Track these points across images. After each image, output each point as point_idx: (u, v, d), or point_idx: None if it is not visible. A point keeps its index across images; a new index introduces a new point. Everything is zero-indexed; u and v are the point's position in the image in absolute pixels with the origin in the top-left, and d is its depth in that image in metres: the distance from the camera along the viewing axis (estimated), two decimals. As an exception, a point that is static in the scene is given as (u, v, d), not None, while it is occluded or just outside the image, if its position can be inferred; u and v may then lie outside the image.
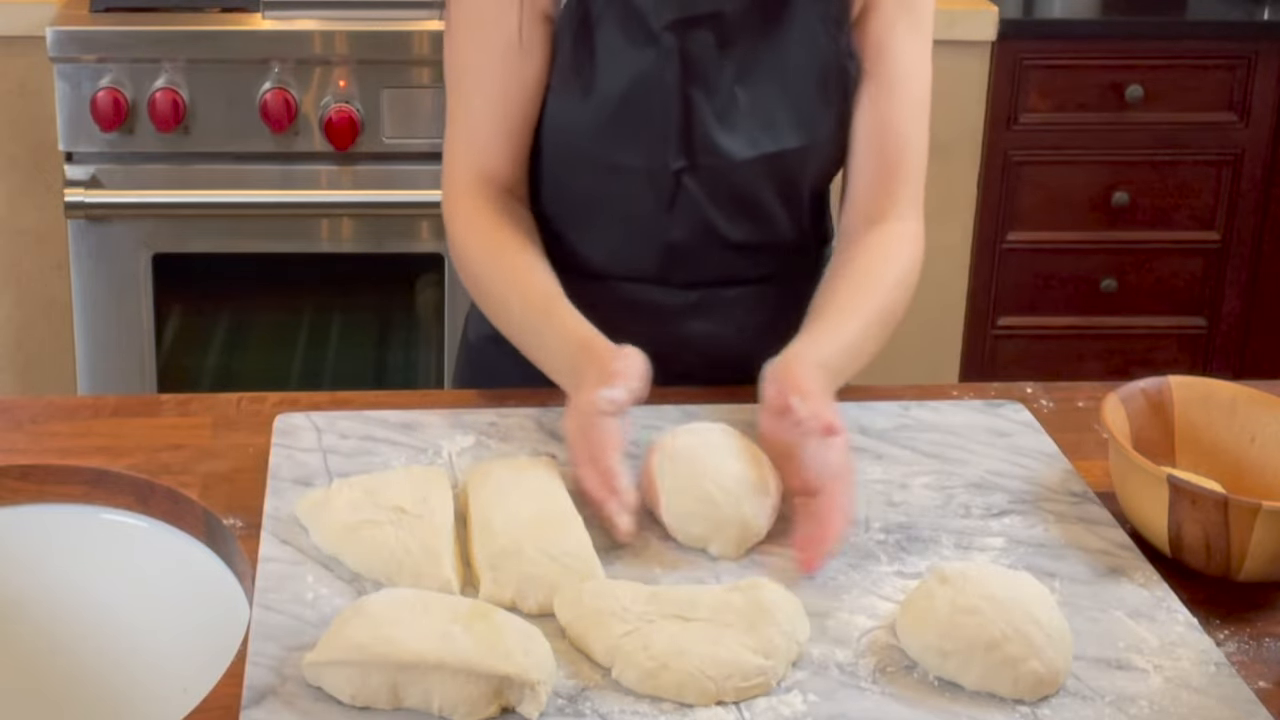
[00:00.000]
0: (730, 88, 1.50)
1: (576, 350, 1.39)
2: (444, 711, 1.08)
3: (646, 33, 1.48)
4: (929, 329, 2.99)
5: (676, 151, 1.50)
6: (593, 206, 1.55)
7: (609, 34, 1.48)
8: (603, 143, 1.51)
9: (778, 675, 1.12)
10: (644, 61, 1.48)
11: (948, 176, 2.90)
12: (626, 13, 1.48)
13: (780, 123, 1.51)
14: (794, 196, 1.56)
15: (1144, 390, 1.39)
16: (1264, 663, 1.18)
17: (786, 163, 1.52)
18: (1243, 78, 2.90)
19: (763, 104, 1.50)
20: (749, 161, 1.51)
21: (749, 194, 1.53)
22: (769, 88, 1.50)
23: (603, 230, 1.56)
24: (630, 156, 1.51)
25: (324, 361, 2.87)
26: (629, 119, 1.49)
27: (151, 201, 2.64)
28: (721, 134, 1.50)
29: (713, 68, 1.49)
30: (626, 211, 1.54)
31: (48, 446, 1.42)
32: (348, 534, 1.24)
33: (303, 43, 2.60)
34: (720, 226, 1.54)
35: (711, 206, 1.53)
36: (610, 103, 1.49)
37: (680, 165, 1.50)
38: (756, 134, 1.51)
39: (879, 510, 1.34)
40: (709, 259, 1.56)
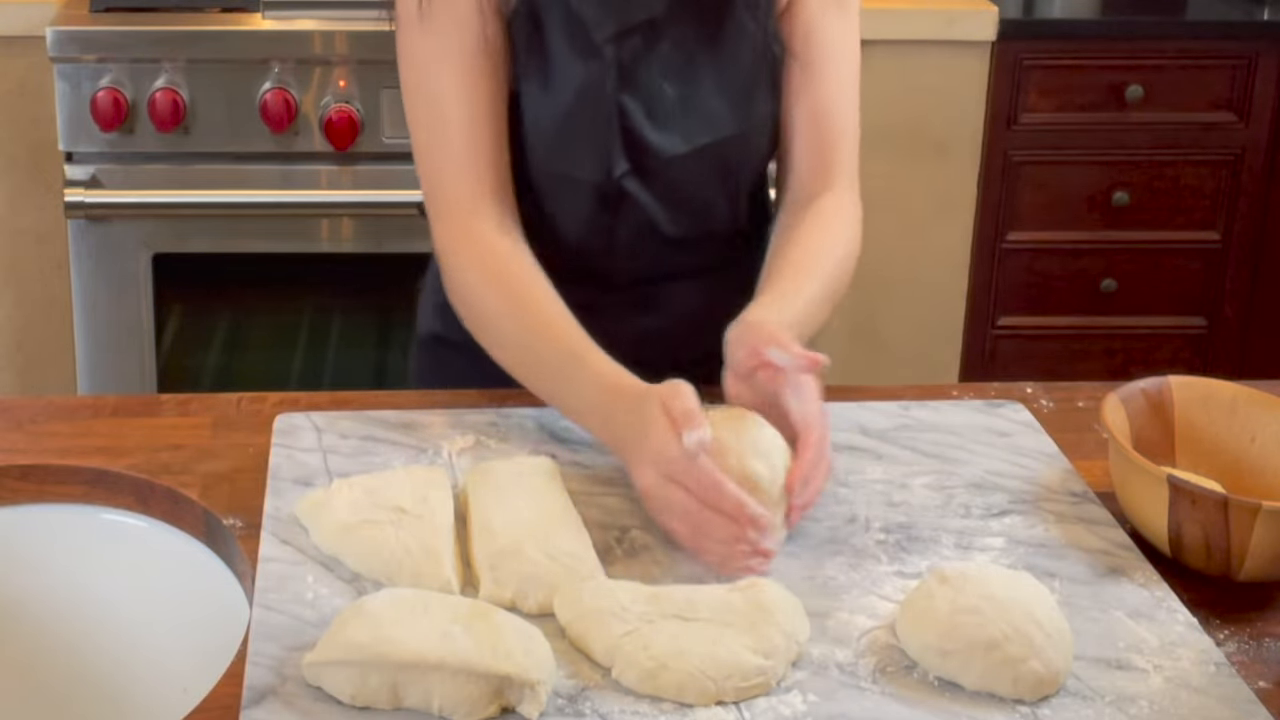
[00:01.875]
0: (658, 85, 1.50)
1: (609, 396, 1.33)
2: (444, 711, 1.08)
3: (590, 46, 1.48)
4: (929, 329, 2.99)
5: (619, 158, 1.51)
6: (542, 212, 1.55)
7: (556, 44, 1.49)
8: (554, 154, 1.51)
9: (778, 675, 1.12)
10: (587, 74, 1.48)
11: (948, 176, 2.90)
12: (570, 25, 1.48)
13: (714, 113, 1.52)
14: (731, 185, 1.57)
15: (1144, 390, 1.39)
16: (1264, 663, 1.18)
17: (723, 152, 1.53)
18: (1243, 78, 2.90)
19: (695, 97, 1.51)
20: (685, 156, 1.52)
21: (688, 188, 1.54)
22: (702, 79, 1.51)
23: (550, 233, 1.55)
24: (577, 168, 1.52)
25: (324, 361, 2.87)
26: (575, 131, 1.50)
27: (151, 201, 2.64)
28: (654, 132, 1.51)
29: (641, 69, 1.50)
30: (573, 217, 1.55)
31: (48, 446, 1.42)
32: (348, 534, 1.24)
33: (303, 43, 2.60)
34: (661, 224, 1.55)
35: (654, 205, 1.54)
36: (560, 114, 1.49)
37: (623, 170, 1.51)
38: (690, 128, 1.52)
39: (879, 510, 1.34)
40: (648, 256, 1.57)
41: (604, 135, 1.50)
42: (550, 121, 1.50)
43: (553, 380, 1.40)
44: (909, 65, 2.82)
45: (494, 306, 1.45)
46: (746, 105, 1.53)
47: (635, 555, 1.27)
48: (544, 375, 1.42)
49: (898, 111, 2.84)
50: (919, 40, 2.79)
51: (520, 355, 1.44)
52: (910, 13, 2.79)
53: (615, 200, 1.53)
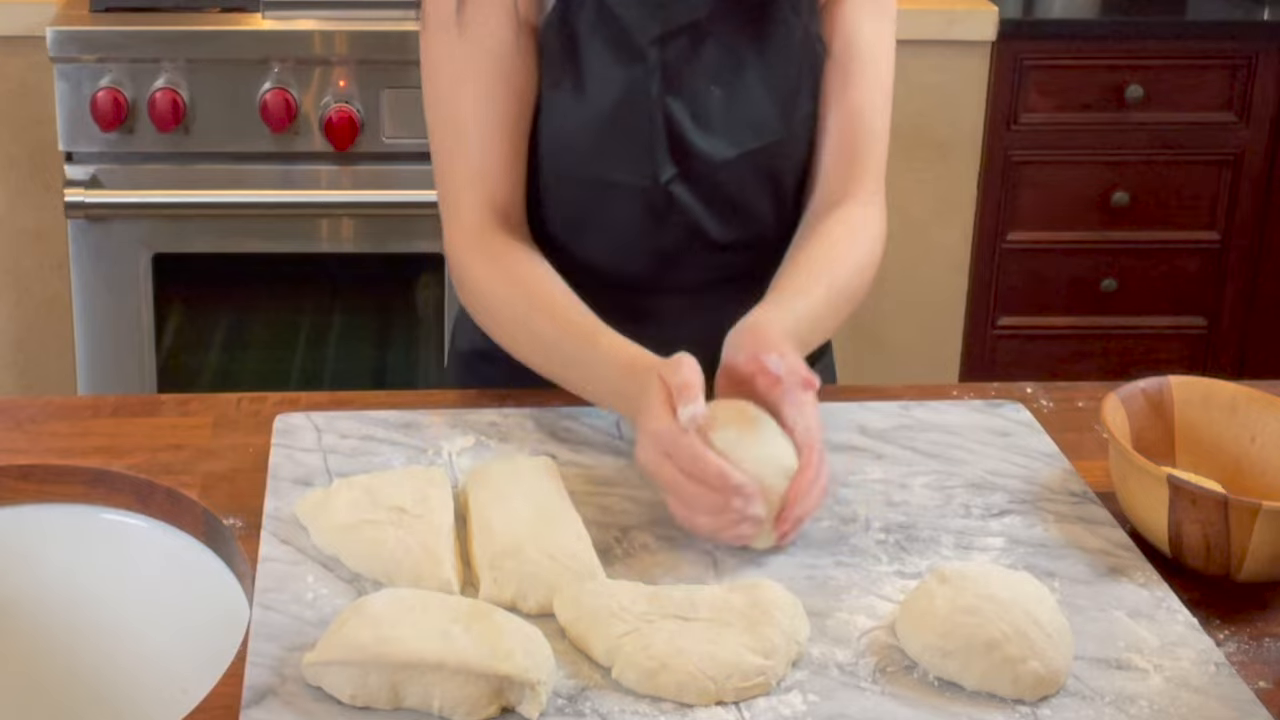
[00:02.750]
0: (705, 88, 1.49)
1: (622, 373, 1.35)
2: (444, 711, 1.08)
3: (632, 49, 1.47)
4: (929, 329, 2.99)
5: (666, 163, 1.50)
6: (583, 219, 1.54)
7: (596, 51, 1.48)
8: (593, 160, 1.50)
9: (778, 675, 1.12)
10: (629, 78, 1.47)
11: (948, 176, 2.90)
12: (611, 29, 1.47)
13: (760, 116, 1.51)
14: (779, 190, 1.56)
15: (1144, 390, 1.39)
16: (1264, 663, 1.18)
17: (769, 155, 1.52)
18: (1243, 78, 2.90)
19: (741, 100, 1.50)
20: (732, 160, 1.51)
21: (734, 193, 1.53)
22: (749, 82, 1.50)
23: (592, 240, 1.55)
24: (621, 173, 1.50)
25: (324, 361, 2.87)
26: (617, 136, 1.49)
27: (151, 201, 2.64)
28: (700, 137, 1.50)
29: (687, 73, 1.49)
30: (616, 223, 1.54)
31: (48, 446, 1.42)
32: (347, 534, 1.24)
33: (303, 43, 2.61)
34: (709, 230, 1.54)
35: (701, 211, 1.53)
36: (599, 120, 1.48)
37: (670, 175, 1.50)
38: (737, 131, 1.51)
39: (879, 510, 1.34)
40: (697, 262, 1.56)
41: (649, 140, 1.49)
42: (589, 128, 1.49)
43: (569, 366, 1.42)
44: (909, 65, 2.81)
45: (510, 308, 1.46)
46: (792, 108, 1.52)
47: (635, 555, 1.27)
48: (561, 362, 1.43)
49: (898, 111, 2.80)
50: (919, 40, 2.79)
51: (536, 344, 1.45)
52: (910, 13, 2.79)
53: (662, 206, 1.51)
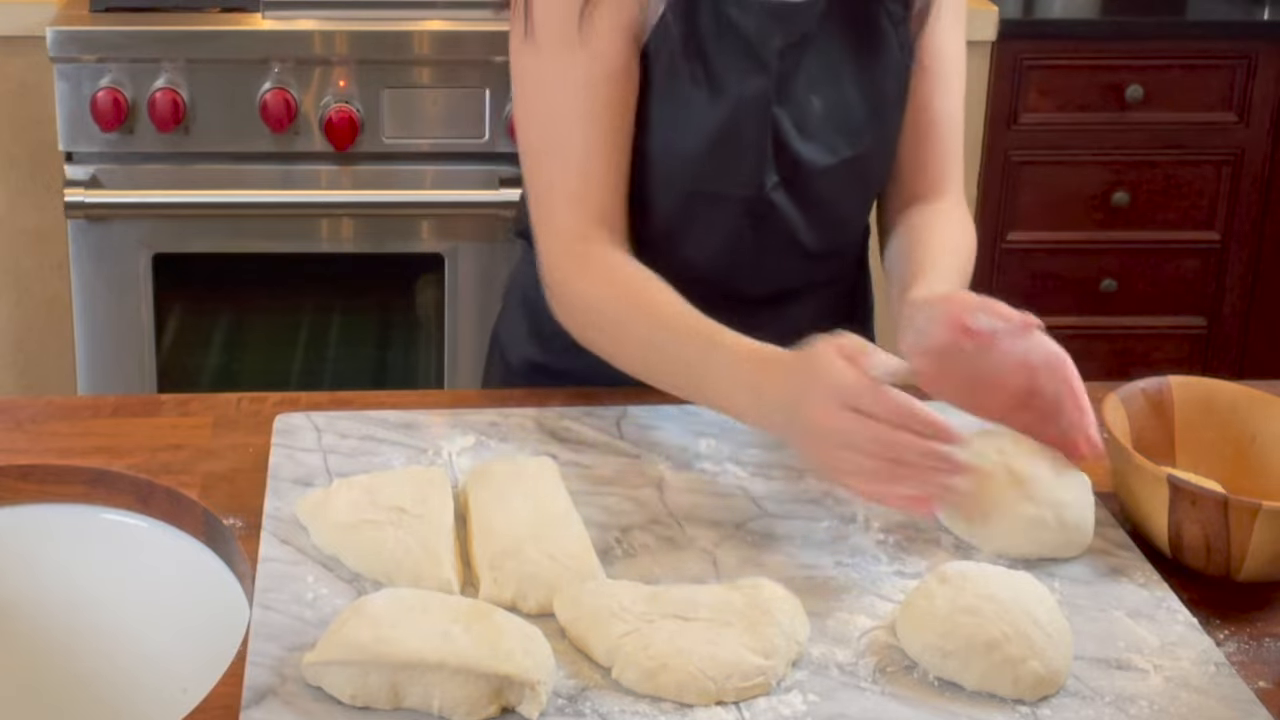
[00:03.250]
0: (806, 97, 1.49)
1: (756, 366, 1.31)
2: (444, 711, 1.08)
3: (754, 60, 1.47)
4: (929, 329, 2.98)
5: (771, 171, 1.50)
6: (682, 229, 1.53)
7: (721, 64, 1.46)
8: (701, 171, 1.49)
9: (778, 675, 1.12)
10: (752, 88, 1.47)
11: (948, 176, 2.89)
12: (732, 40, 1.46)
13: (856, 124, 1.51)
14: (868, 197, 1.59)
15: (1144, 390, 1.39)
16: (1264, 663, 1.18)
17: (864, 163, 1.53)
18: (1243, 78, 2.90)
19: (840, 109, 1.50)
20: (830, 168, 1.51)
21: (830, 201, 1.54)
22: (846, 91, 1.51)
23: (687, 249, 1.53)
24: (728, 184, 1.50)
25: (324, 361, 2.87)
26: (730, 146, 1.48)
27: (151, 201, 2.63)
28: (802, 145, 1.50)
29: (792, 82, 1.49)
30: (715, 232, 1.53)
31: (48, 446, 1.42)
32: (348, 534, 1.24)
33: (303, 43, 2.60)
34: (804, 238, 1.54)
35: (797, 218, 1.53)
36: (714, 130, 1.47)
37: (774, 183, 1.50)
38: (834, 140, 1.51)
39: (879, 510, 1.34)
40: (787, 270, 1.56)
41: (760, 148, 1.49)
42: (702, 139, 1.47)
43: (688, 371, 1.37)
44: (909, 65, 2.82)
45: (614, 312, 1.42)
46: (885, 117, 1.53)
47: (635, 555, 1.27)
48: (678, 369, 1.38)
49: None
50: (919, 40, 2.79)
51: (648, 354, 1.41)
52: (910, 13, 2.79)
53: (762, 214, 1.51)
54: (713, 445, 1.42)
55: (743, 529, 1.31)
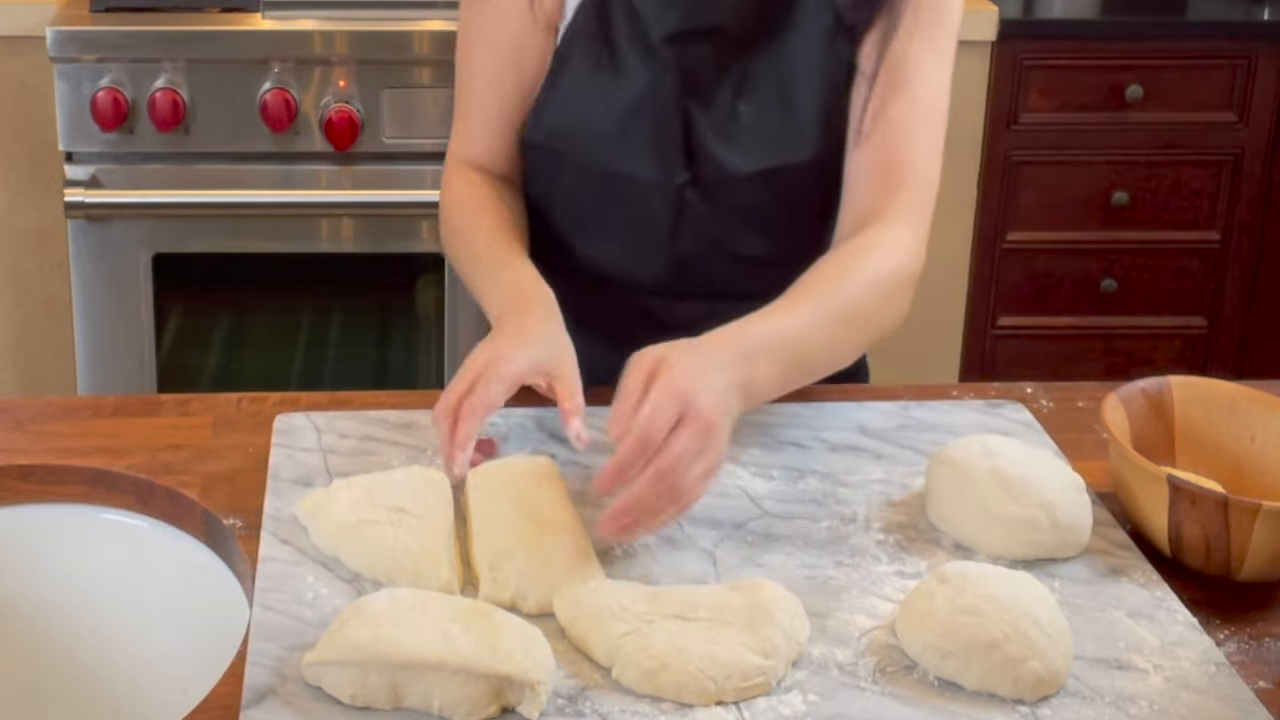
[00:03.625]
0: (731, 102, 1.50)
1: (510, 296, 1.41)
2: (444, 711, 1.08)
3: (648, 45, 1.49)
4: (929, 329, 2.98)
5: (679, 165, 1.50)
6: (604, 215, 1.56)
7: (621, 44, 1.49)
8: (614, 152, 1.51)
9: (777, 675, 1.12)
10: (649, 73, 1.49)
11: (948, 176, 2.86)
12: (633, 25, 1.49)
13: (782, 137, 1.50)
14: (802, 210, 1.54)
15: (1144, 390, 1.39)
16: (1264, 663, 1.18)
17: (789, 177, 1.51)
18: (1243, 78, 2.90)
19: (765, 118, 1.50)
20: (750, 176, 1.50)
21: (754, 208, 1.53)
22: (771, 102, 1.50)
23: (613, 239, 1.56)
24: (639, 168, 1.51)
25: (324, 361, 2.87)
26: (637, 130, 1.50)
27: (151, 201, 2.64)
28: (721, 148, 1.50)
29: (711, 81, 1.49)
30: (636, 221, 1.54)
31: (48, 446, 1.42)
32: (347, 534, 1.24)
33: (303, 43, 2.60)
34: (728, 240, 1.54)
35: (717, 220, 1.53)
36: (620, 112, 1.50)
37: (684, 179, 1.50)
38: (757, 148, 1.50)
39: (879, 510, 1.34)
40: (719, 271, 1.56)
41: (664, 140, 1.50)
42: (613, 118, 1.51)
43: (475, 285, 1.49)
44: (909, 65, 2.82)
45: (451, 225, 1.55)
46: (813, 132, 1.50)
47: (635, 555, 1.27)
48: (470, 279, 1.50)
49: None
50: (919, 40, 2.79)
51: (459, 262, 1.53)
52: (910, 13, 2.79)
53: (678, 210, 1.52)
54: (713, 445, 1.42)
55: (743, 529, 1.31)
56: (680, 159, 1.50)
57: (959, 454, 1.32)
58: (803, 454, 1.42)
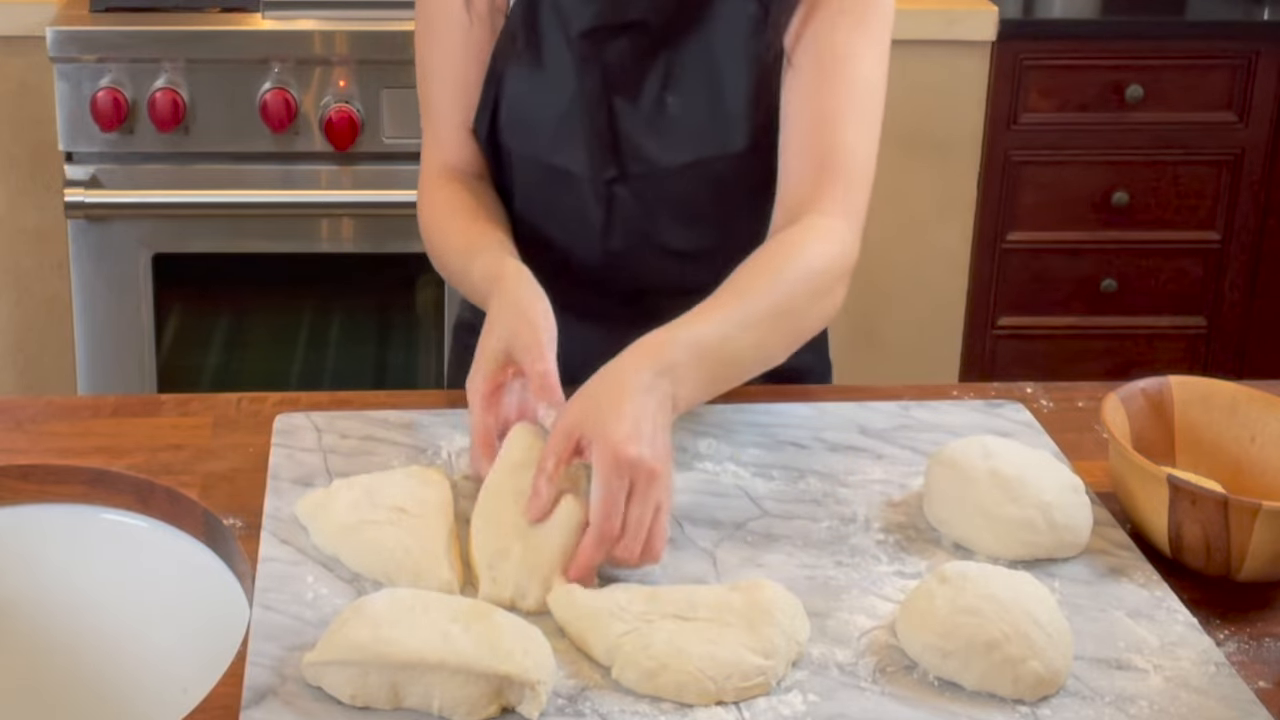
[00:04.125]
0: (658, 94, 1.50)
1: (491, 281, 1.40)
2: (444, 711, 1.08)
3: (569, 40, 1.50)
4: (929, 329, 2.98)
5: (607, 160, 1.51)
6: (547, 207, 1.56)
7: (548, 41, 1.50)
8: (550, 146, 1.52)
9: (777, 675, 1.12)
10: (572, 69, 1.50)
11: (948, 176, 2.90)
12: (557, 21, 1.50)
13: (710, 129, 1.50)
14: (733, 202, 1.53)
15: (1144, 390, 1.39)
16: (1264, 663, 1.18)
17: (719, 169, 1.51)
18: (1243, 78, 2.90)
19: (693, 110, 1.50)
20: (680, 169, 1.50)
21: (685, 201, 1.53)
22: (699, 93, 1.49)
23: (555, 231, 1.57)
24: (571, 162, 1.52)
25: (324, 361, 2.87)
26: (568, 124, 1.51)
27: (151, 201, 2.64)
28: (648, 141, 1.50)
29: (636, 75, 1.49)
30: (572, 215, 1.55)
31: (48, 446, 1.42)
32: (347, 534, 1.24)
33: (303, 43, 2.60)
34: (659, 235, 1.54)
35: (647, 215, 1.53)
36: (553, 108, 1.51)
37: (611, 174, 1.51)
38: (685, 141, 1.50)
39: (879, 510, 1.34)
40: (650, 266, 1.56)
41: (591, 133, 1.50)
42: (546, 112, 1.51)
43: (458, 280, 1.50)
44: (909, 65, 2.82)
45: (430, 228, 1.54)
46: (743, 121, 1.49)
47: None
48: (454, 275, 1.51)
49: (898, 111, 2.82)
50: (919, 40, 2.79)
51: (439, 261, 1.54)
52: (910, 13, 2.79)
53: (609, 204, 1.53)
54: (713, 445, 1.43)
55: (743, 529, 1.31)
56: (608, 154, 1.51)
57: (957, 455, 1.32)
58: (803, 454, 1.42)
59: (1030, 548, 1.27)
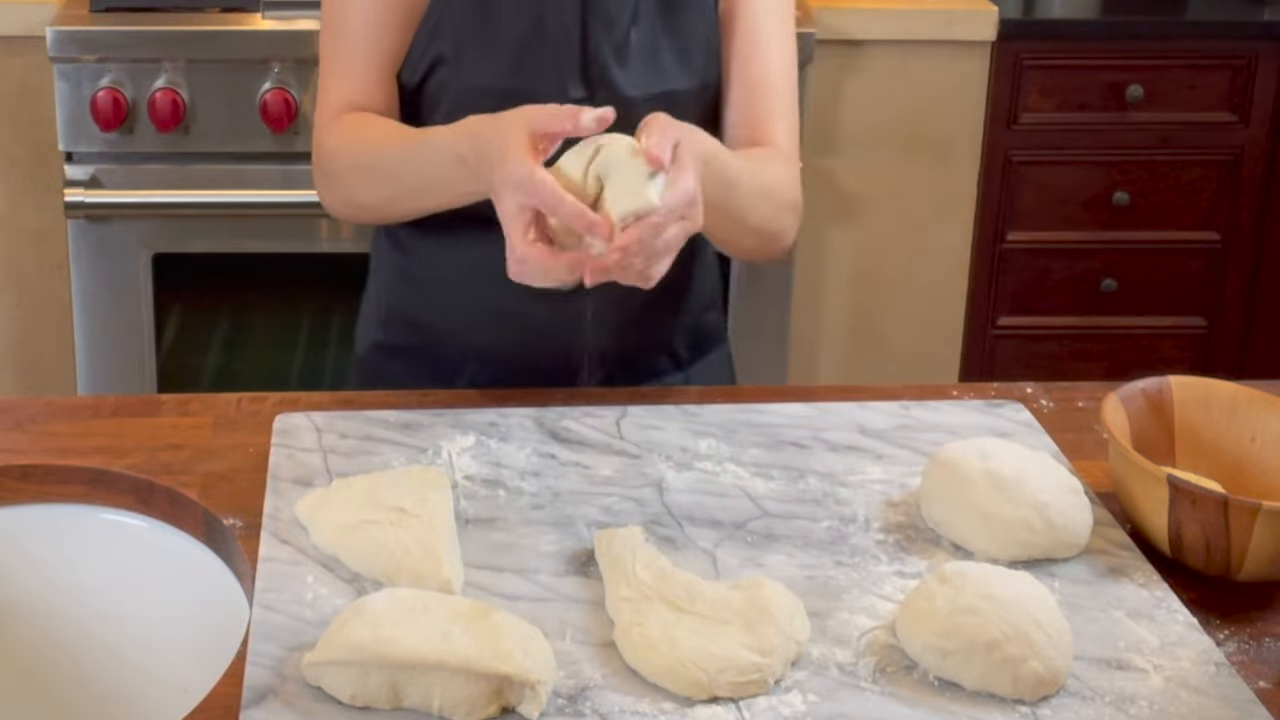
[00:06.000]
0: (627, 26, 1.53)
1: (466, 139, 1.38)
2: (444, 711, 1.08)
3: None
4: (929, 329, 2.99)
5: (576, 83, 1.52)
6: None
7: None
8: (510, 70, 1.52)
9: (775, 673, 1.12)
10: None
11: (948, 176, 2.90)
12: None
13: (667, 66, 1.54)
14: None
15: (1144, 390, 1.39)
16: (1264, 663, 1.18)
17: (677, 104, 1.52)
18: (1243, 78, 2.90)
19: (652, 45, 1.54)
20: (643, 99, 1.52)
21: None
22: (659, 30, 1.54)
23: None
24: (532, 84, 1.52)
25: (324, 361, 2.87)
26: (532, 46, 1.51)
27: (151, 201, 2.64)
28: (617, 70, 1.53)
29: (614, 4, 1.52)
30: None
31: (48, 446, 1.42)
32: (347, 534, 1.24)
33: (303, 43, 2.60)
34: None
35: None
36: (514, 32, 1.51)
37: (579, 96, 1.52)
38: (648, 73, 1.54)
39: (879, 510, 1.34)
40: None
41: (563, 56, 1.52)
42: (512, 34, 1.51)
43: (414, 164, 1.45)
44: (909, 65, 2.82)
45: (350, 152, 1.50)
46: (692, 60, 1.55)
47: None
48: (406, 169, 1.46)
49: (898, 111, 2.84)
50: (919, 40, 2.79)
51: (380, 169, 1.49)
52: (910, 13, 2.79)
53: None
54: (713, 445, 1.43)
55: (743, 529, 1.31)
56: (577, 77, 1.52)
57: (954, 456, 1.32)
58: (803, 454, 1.42)
59: (1028, 548, 1.27)
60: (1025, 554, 1.27)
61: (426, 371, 1.61)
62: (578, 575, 1.24)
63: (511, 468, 1.38)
